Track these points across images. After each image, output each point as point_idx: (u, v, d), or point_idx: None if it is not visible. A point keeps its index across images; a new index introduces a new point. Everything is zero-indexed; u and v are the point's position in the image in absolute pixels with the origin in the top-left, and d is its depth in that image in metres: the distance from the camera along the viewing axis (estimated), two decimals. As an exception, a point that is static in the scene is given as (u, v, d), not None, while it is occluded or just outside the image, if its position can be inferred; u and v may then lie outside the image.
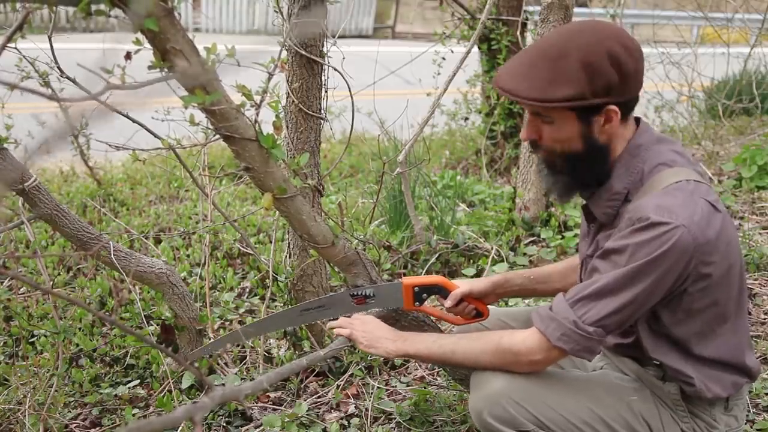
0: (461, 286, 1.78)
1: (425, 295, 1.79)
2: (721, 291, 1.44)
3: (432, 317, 1.95)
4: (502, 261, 3.05)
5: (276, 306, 2.76)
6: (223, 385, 2.23)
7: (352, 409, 2.15)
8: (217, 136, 1.44)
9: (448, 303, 1.77)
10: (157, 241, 3.38)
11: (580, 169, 1.48)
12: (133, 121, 2.01)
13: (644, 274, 1.36)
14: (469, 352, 1.54)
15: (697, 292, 1.41)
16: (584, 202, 1.58)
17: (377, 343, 1.65)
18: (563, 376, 1.58)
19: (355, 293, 1.82)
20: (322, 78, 2.08)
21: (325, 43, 2.05)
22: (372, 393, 2.17)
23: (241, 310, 2.79)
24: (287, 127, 2.09)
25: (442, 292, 1.79)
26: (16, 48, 2.20)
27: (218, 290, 2.93)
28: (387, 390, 2.24)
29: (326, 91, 2.11)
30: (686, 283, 1.39)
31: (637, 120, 1.52)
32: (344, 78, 2.09)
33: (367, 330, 1.68)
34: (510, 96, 1.42)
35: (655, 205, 1.36)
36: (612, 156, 1.47)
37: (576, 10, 3.14)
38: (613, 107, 1.40)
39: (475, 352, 1.53)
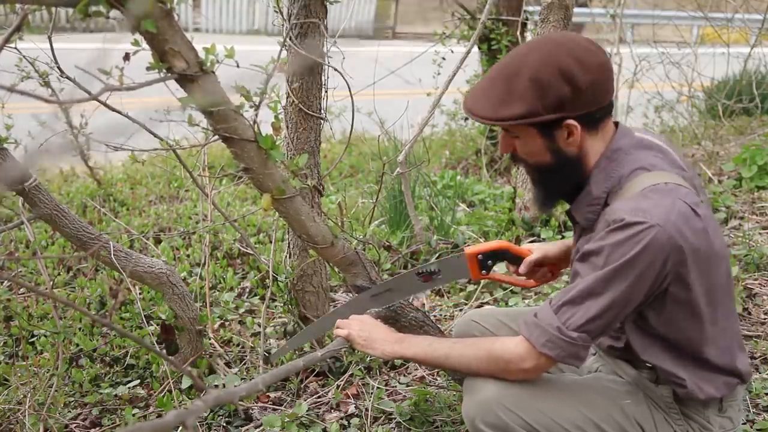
0: (535, 252, 1.79)
1: (490, 262, 1.78)
2: (705, 294, 1.43)
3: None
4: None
5: (276, 306, 2.76)
6: (223, 385, 2.23)
7: (352, 409, 2.15)
8: (216, 136, 1.44)
9: (522, 270, 1.78)
10: (157, 241, 3.38)
11: (553, 180, 1.50)
12: (133, 121, 2.01)
13: (622, 275, 1.35)
14: (462, 358, 1.54)
15: (680, 293, 1.40)
16: (568, 207, 1.58)
17: (374, 344, 1.66)
18: (556, 380, 1.58)
19: (422, 270, 1.81)
20: (322, 78, 2.08)
21: (325, 43, 2.05)
22: (372, 393, 2.17)
23: (241, 310, 2.79)
24: (287, 127, 2.09)
25: (508, 256, 1.78)
26: (16, 48, 2.20)
27: (218, 290, 2.93)
28: (387, 390, 2.24)
29: (326, 91, 2.12)
30: (665, 282, 1.38)
31: (616, 124, 1.52)
32: (344, 78, 2.09)
33: (365, 330, 1.69)
34: (469, 115, 1.46)
35: (631, 207, 1.36)
36: (586, 164, 1.48)
37: (576, 9, 3.14)
38: (572, 122, 1.40)
39: (468, 358, 1.53)
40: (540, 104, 1.38)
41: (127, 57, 1.18)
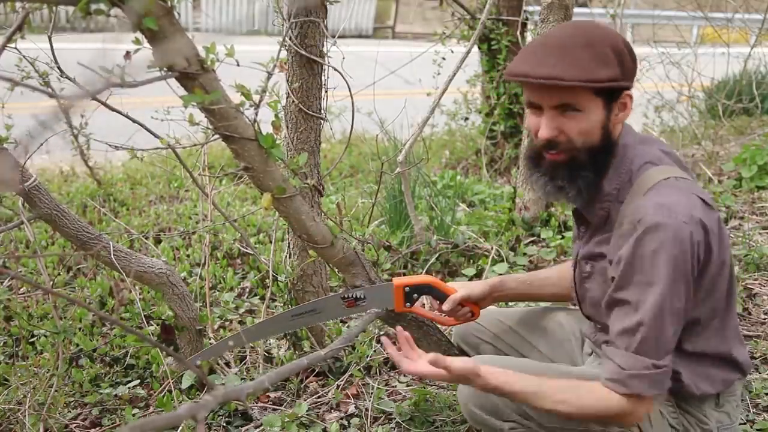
0: (459, 290, 1.78)
1: (416, 295, 1.79)
2: (714, 285, 1.45)
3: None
4: (502, 261, 3.05)
5: (276, 306, 2.75)
6: (223, 384, 2.23)
7: (352, 409, 2.15)
8: (217, 135, 1.44)
9: (446, 307, 1.76)
10: (157, 241, 3.38)
11: (600, 161, 1.47)
12: (133, 120, 2.01)
13: (675, 281, 1.35)
14: (570, 402, 1.42)
15: (697, 286, 1.41)
16: (574, 206, 1.58)
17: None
18: (550, 368, 1.59)
19: (346, 296, 1.81)
20: (322, 78, 2.08)
21: (325, 43, 2.05)
22: (372, 393, 2.17)
23: (241, 310, 2.79)
24: (287, 127, 2.09)
25: (433, 292, 1.78)
26: (16, 48, 2.20)
27: (218, 290, 2.93)
28: (387, 390, 2.24)
29: (326, 91, 2.11)
30: (694, 275, 1.40)
31: None
32: (344, 78, 2.09)
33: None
34: (548, 81, 1.36)
35: (655, 205, 1.36)
36: (615, 149, 1.49)
37: (576, 10, 3.15)
38: (630, 93, 1.45)
39: (581, 405, 1.42)
40: (621, 71, 1.40)
41: (128, 55, 1.18)
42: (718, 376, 1.50)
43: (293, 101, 2.06)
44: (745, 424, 1.99)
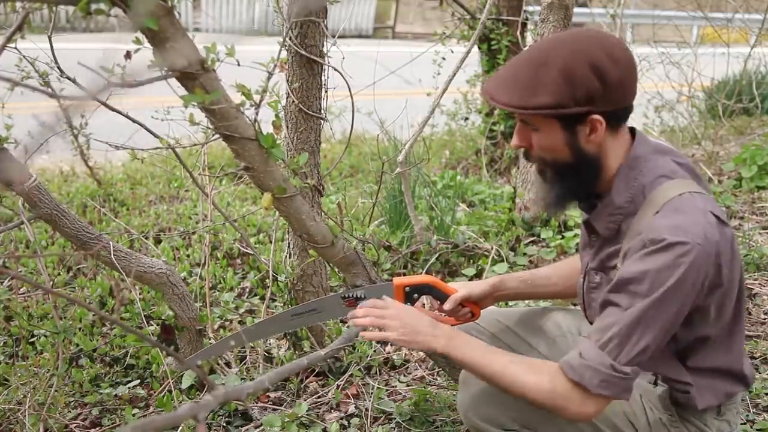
0: (460, 290, 1.77)
1: (416, 295, 1.78)
2: (724, 304, 1.42)
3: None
4: (502, 261, 3.05)
5: (276, 306, 2.76)
6: (223, 384, 2.23)
7: (352, 409, 2.15)
8: (217, 135, 1.44)
9: (447, 306, 1.75)
10: (157, 241, 3.38)
11: (570, 179, 1.44)
12: (133, 120, 2.01)
13: (668, 301, 1.32)
14: (518, 381, 1.42)
15: (707, 304, 1.39)
16: (586, 216, 1.55)
17: (417, 336, 1.51)
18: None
19: (347, 295, 1.81)
20: (322, 78, 2.08)
21: (325, 43, 2.05)
22: (372, 393, 2.17)
23: (241, 310, 2.79)
24: (287, 127, 2.09)
25: (433, 292, 1.78)
26: (16, 48, 2.20)
27: (218, 290, 2.93)
28: (387, 390, 2.24)
29: (326, 91, 2.11)
30: (699, 298, 1.37)
31: (633, 130, 1.48)
32: (344, 78, 2.09)
33: (406, 323, 1.53)
34: (492, 101, 1.40)
35: (669, 225, 1.33)
36: (606, 167, 1.44)
37: (576, 10, 3.14)
38: (597, 117, 1.36)
39: (526, 383, 1.41)
40: (569, 96, 1.33)
41: (128, 55, 1.18)
42: (723, 389, 1.49)
43: (293, 101, 2.06)
44: (745, 424, 1.99)
